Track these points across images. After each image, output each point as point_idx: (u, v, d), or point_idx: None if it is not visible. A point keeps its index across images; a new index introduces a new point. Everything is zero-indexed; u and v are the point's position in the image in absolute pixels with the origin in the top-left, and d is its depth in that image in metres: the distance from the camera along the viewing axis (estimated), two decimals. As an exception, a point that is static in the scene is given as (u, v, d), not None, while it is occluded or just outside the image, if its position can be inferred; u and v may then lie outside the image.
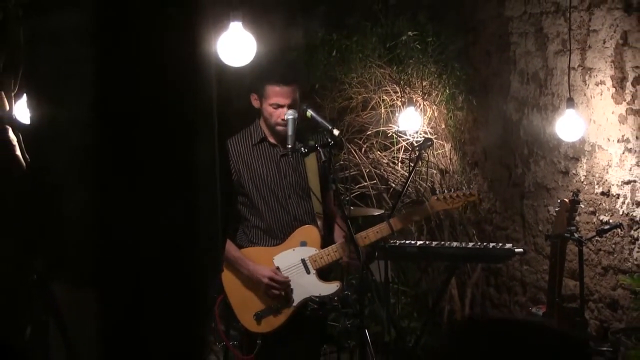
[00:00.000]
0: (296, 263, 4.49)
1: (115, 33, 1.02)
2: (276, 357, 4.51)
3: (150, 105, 1.01)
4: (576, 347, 1.50)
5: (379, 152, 6.48)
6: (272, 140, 4.55)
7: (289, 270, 4.48)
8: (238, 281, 4.44)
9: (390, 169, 6.46)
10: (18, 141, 4.75)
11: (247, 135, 4.58)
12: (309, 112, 4.39)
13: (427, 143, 5.24)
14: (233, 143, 4.55)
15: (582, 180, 5.51)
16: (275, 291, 4.42)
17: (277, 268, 4.47)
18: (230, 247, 4.38)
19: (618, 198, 5.22)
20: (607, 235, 5.18)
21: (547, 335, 1.50)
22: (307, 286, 4.47)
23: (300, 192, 4.56)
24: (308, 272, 4.49)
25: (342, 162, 6.36)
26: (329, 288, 4.49)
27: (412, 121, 6.10)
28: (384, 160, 6.46)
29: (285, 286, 4.43)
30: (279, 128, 4.46)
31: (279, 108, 4.42)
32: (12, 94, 4.77)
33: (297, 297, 4.47)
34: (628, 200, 5.14)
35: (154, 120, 1.01)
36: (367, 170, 6.46)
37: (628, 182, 5.14)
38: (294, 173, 4.55)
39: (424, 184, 6.39)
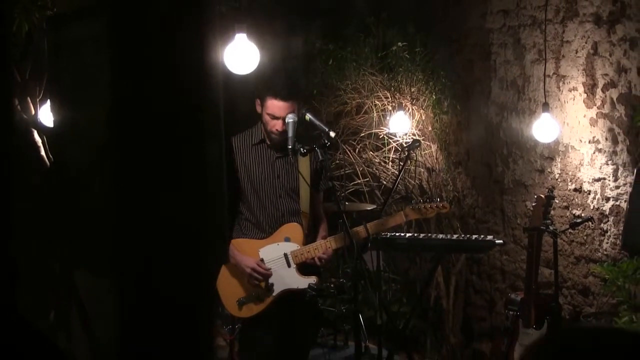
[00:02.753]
0: (279, 256, 4.47)
1: (130, 42, 1.02)
2: (257, 340, 4.51)
3: (163, 107, 1.01)
4: None
5: (371, 152, 6.48)
6: (270, 142, 4.54)
7: (272, 263, 4.46)
8: (225, 269, 4.43)
9: (381, 167, 6.46)
10: (42, 142, 4.75)
11: (249, 135, 4.57)
12: (308, 116, 4.38)
13: (415, 144, 5.24)
14: (236, 141, 4.55)
15: (556, 177, 5.52)
16: (256, 281, 4.41)
17: (262, 259, 4.46)
18: None
19: (589, 194, 5.22)
20: (579, 227, 5.19)
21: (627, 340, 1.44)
22: (287, 278, 4.46)
23: (290, 192, 4.54)
24: (289, 265, 4.47)
25: (338, 162, 6.37)
26: (307, 282, 4.47)
27: (401, 124, 6.10)
28: (376, 160, 6.46)
29: (266, 277, 4.42)
30: (272, 136, 4.46)
31: (274, 119, 4.41)
32: (37, 100, 4.76)
33: (277, 288, 4.46)
34: (598, 196, 5.15)
35: (166, 121, 1.01)
36: (361, 168, 6.46)
37: (598, 180, 5.14)
38: (286, 175, 4.54)
39: (413, 181, 6.39)
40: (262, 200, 4.50)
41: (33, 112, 4.80)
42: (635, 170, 4.67)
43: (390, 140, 6.35)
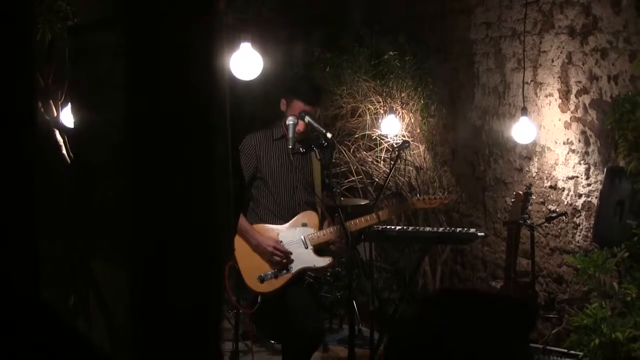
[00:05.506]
0: (297, 239, 4.50)
1: (144, 49, 1.02)
2: (273, 313, 4.55)
3: (174, 108, 1.01)
4: (520, 308, 1.51)
5: (364, 152, 6.47)
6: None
7: (291, 244, 4.49)
8: (247, 248, 4.44)
9: (374, 166, 6.45)
10: (64, 142, 4.74)
11: (271, 131, 4.57)
12: (307, 118, 4.37)
13: (404, 144, 5.24)
14: (257, 137, 4.56)
15: (533, 175, 5.52)
16: (277, 258, 4.43)
17: (281, 242, 4.48)
18: (243, 220, 4.38)
19: (563, 191, 5.23)
20: (554, 221, 5.20)
21: (498, 301, 1.50)
22: (305, 258, 4.49)
23: (305, 185, 4.57)
24: (306, 247, 4.50)
25: (334, 161, 6.36)
26: (322, 261, 4.51)
27: (392, 126, 6.09)
28: (369, 159, 6.46)
29: (286, 255, 4.44)
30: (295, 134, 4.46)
31: (300, 120, 4.42)
32: (59, 102, 4.75)
33: (296, 266, 4.48)
34: (572, 192, 5.15)
35: (177, 121, 1.01)
36: (355, 167, 6.46)
37: (572, 178, 5.15)
38: (302, 169, 4.56)
39: (402, 179, 6.39)
40: (280, 191, 4.52)
41: (55, 113, 4.79)
42: (605, 170, 4.67)
43: (382, 141, 6.35)
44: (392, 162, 5.23)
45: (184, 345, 1.02)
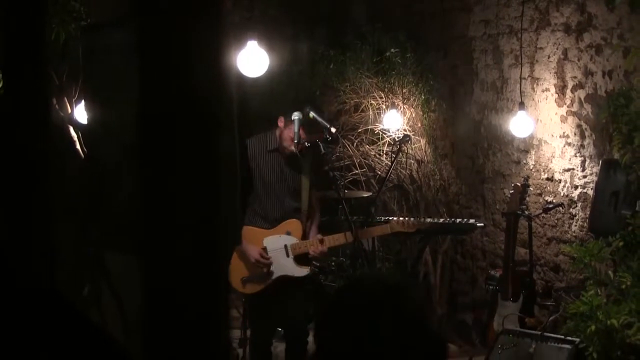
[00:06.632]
0: (280, 247, 4.54)
1: (155, 47, 1.01)
2: (260, 310, 4.63)
3: (183, 105, 1.01)
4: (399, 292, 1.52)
5: (367, 146, 6.46)
6: (282, 151, 4.56)
7: (274, 251, 4.53)
8: (234, 252, 4.49)
9: (376, 159, 6.44)
10: (78, 138, 4.75)
11: (265, 140, 4.57)
12: (311, 114, 4.38)
13: (406, 138, 5.24)
14: (253, 143, 4.57)
15: (531, 168, 5.51)
16: (259, 269, 4.48)
17: (265, 247, 4.51)
18: None
19: (560, 182, 5.22)
20: (551, 212, 5.19)
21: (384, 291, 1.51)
22: (286, 266, 4.55)
23: (293, 194, 4.61)
24: (288, 255, 4.54)
25: (338, 154, 6.36)
26: (302, 271, 4.58)
27: (394, 121, 6.09)
28: (371, 153, 6.45)
29: (268, 266, 4.49)
30: (286, 151, 4.48)
31: (297, 142, 4.44)
32: (73, 100, 4.76)
33: (276, 273, 4.55)
34: (568, 184, 5.15)
35: (187, 118, 1.01)
36: (358, 160, 6.45)
37: (568, 170, 5.14)
38: (292, 179, 4.60)
39: (404, 172, 6.38)
40: (271, 198, 4.56)
41: (69, 110, 4.80)
42: (600, 162, 4.66)
43: (384, 135, 6.34)
44: (394, 156, 5.22)
45: (192, 337, 1.02)
